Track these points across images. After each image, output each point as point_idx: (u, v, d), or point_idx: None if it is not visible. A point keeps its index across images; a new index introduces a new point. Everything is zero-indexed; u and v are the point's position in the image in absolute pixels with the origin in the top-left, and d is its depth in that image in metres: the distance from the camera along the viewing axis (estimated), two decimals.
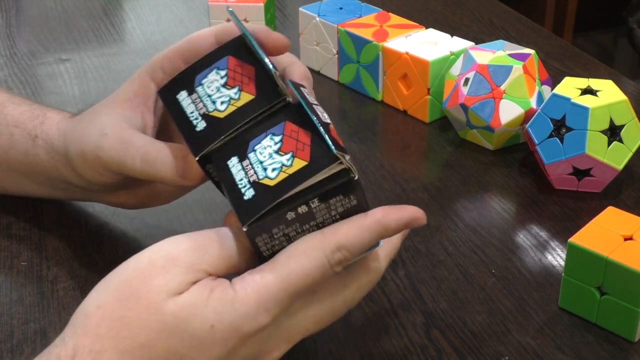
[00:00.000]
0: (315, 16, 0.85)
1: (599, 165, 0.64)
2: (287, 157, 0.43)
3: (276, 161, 0.43)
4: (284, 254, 0.42)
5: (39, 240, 0.61)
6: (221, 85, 0.47)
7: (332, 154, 0.42)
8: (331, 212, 0.43)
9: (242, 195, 0.43)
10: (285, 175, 0.42)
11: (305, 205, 0.42)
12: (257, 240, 0.42)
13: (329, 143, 0.42)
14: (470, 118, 0.71)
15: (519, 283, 0.57)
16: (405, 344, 0.52)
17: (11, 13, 1.04)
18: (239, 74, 0.47)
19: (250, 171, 0.43)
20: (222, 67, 0.48)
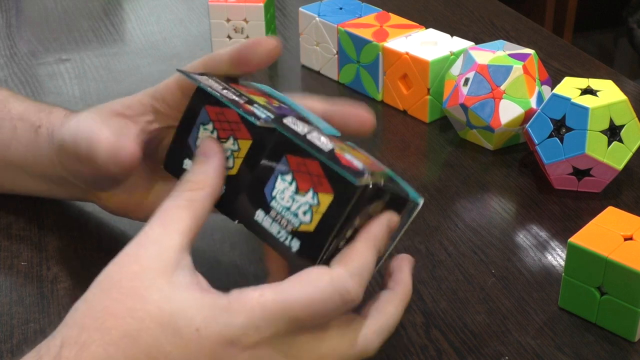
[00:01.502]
0: (315, 16, 0.85)
1: (599, 165, 0.64)
2: (309, 195, 0.43)
3: (302, 203, 0.43)
4: (291, 280, 0.41)
5: (39, 240, 0.61)
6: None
7: (352, 185, 0.41)
8: (375, 211, 0.45)
9: (289, 248, 0.43)
10: (320, 216, 0.43)
11: (351, 229, 0.43)
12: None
13: (345, 174, 0.41)
14: (470, 118, 0.71)
15: (519, 283, 0.57)
16: (405, 344, 0.52)
17: (11, 13, 1.04)
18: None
19: (282, 221, 0.44)
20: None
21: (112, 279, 0.41)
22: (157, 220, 0.43)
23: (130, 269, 0.41)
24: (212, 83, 0.47)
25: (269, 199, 0.44)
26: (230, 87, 0.48)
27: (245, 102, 0.46)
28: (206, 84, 0.46)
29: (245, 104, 0.46)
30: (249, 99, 0.47)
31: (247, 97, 0.47)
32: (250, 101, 0.47)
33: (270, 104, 0.48)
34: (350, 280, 0.41)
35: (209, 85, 0.47)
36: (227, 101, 0.45)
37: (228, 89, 0.47)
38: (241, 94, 0.47)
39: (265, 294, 0.40)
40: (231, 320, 0.40)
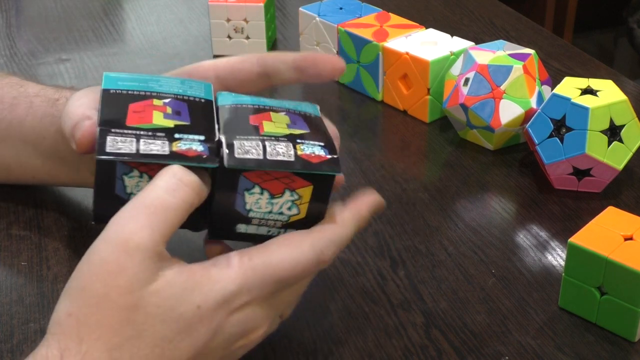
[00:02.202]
0: (315, 16, 0.85)
1: (599, 165, 0.64)
2: (287, 194, 0.44)
3: (282, 203, 0.44)
4: (275, 243, 0.43)
5: (39, 240, 0.61)
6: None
7: (331, 176, 0.44)
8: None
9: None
10: (307, 205, 0.45)
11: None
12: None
13: (321, 172, 0.43)
14: (470, 118, 0.71)
15: (519, 283, 0.57)
16: (405, 344, 0.52)
17: (11, 13, 1.04)
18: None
19: (269, 222, 0.45)
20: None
21: (97, 293, 0.39)
22: (144, 217, 0.40)
23: (117, 282, 0.39)
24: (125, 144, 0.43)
25: (245, 212, 0.44)
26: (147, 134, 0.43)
27: (170, 141, 0.43)
28: (116, 150, 0.42)
29: (171, 143, 0.43)
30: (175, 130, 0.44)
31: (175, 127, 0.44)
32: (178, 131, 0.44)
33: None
34: (328, 246, 0.44)
35: (119, 149, 0.42)
36: (146, 160, 0.42)
37: (146, 137, 0.43)
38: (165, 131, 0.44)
39: (253, 257, 0.42)
40: (226, 286, 0.41)
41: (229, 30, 0.90)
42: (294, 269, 0.43)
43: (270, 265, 0.42)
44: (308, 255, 0.43)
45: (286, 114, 0.47)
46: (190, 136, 0.44)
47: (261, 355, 0.51)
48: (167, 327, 0.40)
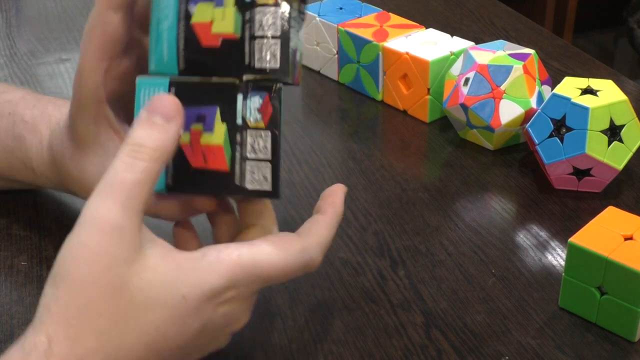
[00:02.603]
0: (315, 16, 0.85)
1: (599, 165, 0.64)
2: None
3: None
4: (266, 242, 0.44)
5: (39, 240, 0.61)
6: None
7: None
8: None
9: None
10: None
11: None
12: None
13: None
14: (470, 118, 0.71)
15: (519, 283, 0.57)
16: (405, 344, 0.52)
17: (11, 13, 1.04)
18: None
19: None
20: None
21: (81, 275, 0.39)
22: (113, 198, 0.40)
23: (99, 262, 0.39)
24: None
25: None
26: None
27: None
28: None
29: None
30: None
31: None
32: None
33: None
34: (318, 251, 0.45)
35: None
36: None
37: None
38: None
39: (242, 254, 0.42)
40: (214, 282, 0.42)
41: None
42: (282, 271, 0.44)
43: (258, 266, 0.43)
44: (297, 259, 0.44)
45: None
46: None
47: (262, 355, 0.51)
48: (152, 314, 0.40)
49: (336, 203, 0.48)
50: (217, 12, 0.44)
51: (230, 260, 0.42)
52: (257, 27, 0.43)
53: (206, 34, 0.44)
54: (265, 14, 0.43)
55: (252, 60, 0.43)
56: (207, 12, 0.44)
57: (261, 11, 0.43)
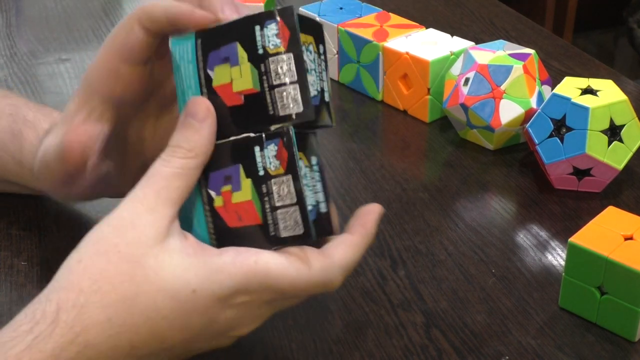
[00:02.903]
0: (315, 16, 0.85)
1: (599, 165, 0.64)
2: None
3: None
4: (286, 253, 0.43)
5: (39, 240, 0.61)
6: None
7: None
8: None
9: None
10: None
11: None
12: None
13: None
14: (471, 118, 0.71)
15: (519, 283, 0.57)
16: (405, 344, 0.52)
17: (11, 13, 1.04)
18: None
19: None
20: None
21: (108, 241, 0.41)
22: (150, 186, 0.43)
23: (127, 234, 0.41)
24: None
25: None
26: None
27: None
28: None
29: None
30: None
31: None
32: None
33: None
34: (340, 274, 0.44)
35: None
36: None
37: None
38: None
39: (259, 262, 0.42)
40: (225, 282, 0.41)
41: None
42: (297, 286, 0.43)
43: (272, 276, 0.42)
44: (315, 277, 0.43)
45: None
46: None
47: (262, 355, 0.51)
48: (161, 300, 0.41)
49: (367, 225, 0.47)
50: (235, 71, 0.45)
51: (246, 264, 0.42)
52: (274, 77, 0.44)
53: (229, 94, 0.45)
54: (279, 63, 0.44)
55: (276, 109, 0.44)
56: (225, 73, 0.45)
57: (274, 60, 0.44)
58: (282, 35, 0.44)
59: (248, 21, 0.45)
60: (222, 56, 0.45)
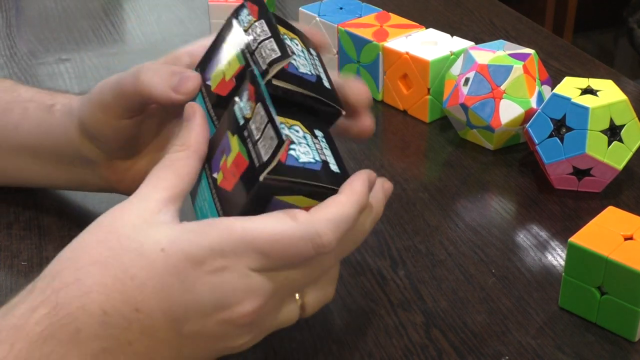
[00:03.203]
0: (315, 16, 0.85)
1: (599, 165, 0.64)
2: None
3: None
4: (263, 215, 0.41)
5: (39, 240, 0.61)
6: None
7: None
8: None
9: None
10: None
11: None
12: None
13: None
14: (471, 118, 0.71)
15: (519, 283, 0.57)
16: (405, 344, 0.52)
17: (11, 13, 1.04)
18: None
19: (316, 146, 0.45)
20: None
21: (99, 225, 0.42)
22: (144, 182, 0.44)
23: (112, 212, 0.42)
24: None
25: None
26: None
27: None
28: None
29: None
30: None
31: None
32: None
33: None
34: (324, 224, 0.41)
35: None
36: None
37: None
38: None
39: (234, 222, 0.41)
40: (197, 240, 0.40)
41: None
42: (279, 243, 0.40)
43: (250, 233, 0.40)
44: (299, 230, 0.40)
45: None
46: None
47: (262, 355, 0.51)
48: (130, 260, 0.40)
49: (354, 183, 0.44)
50: (225, 65, 0.48)
51: (221, 224, 0.41)
52: (252, 44, 0.47)
53: (224, 85, 0.48)
54: (254, 29, 0.48)
55: (259, 66, 0.46)
56: (218, 74, 0.49)
57: (250, 31, 0.48)
58: (252, 12, 0.48)
59: (228, 22, 0.50)
60: (215, 63, 0.49)
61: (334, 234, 0.41)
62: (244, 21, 0.49)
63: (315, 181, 0.42)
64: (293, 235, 0.40)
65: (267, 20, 0.47)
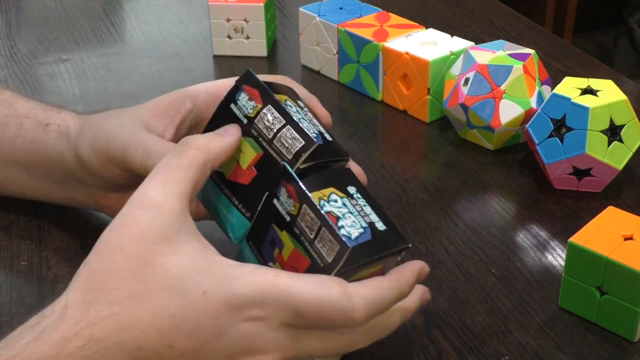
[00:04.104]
0: (315, 16, 0.85)
1: (599, 165, 0.64)
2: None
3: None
4: (308, 276, 0.42)
5: (39, 240, 0.61)
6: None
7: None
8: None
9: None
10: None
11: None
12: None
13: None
14: (470, 118, 0.71)
15: (519, 283, 0.57)
16: (405, 344, 0.52)
17: (11, 13, 1.04)
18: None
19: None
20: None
21: (112, 242, 0.41)
22: (156, 178, 0.43)
23: (130, 232, 0.41)
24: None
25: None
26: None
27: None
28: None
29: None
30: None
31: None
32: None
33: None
34: (361, 303, 0.42)
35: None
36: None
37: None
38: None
39: (280, 276, 0.41)
40: (240, 289, 0.40)
41: (229, 30, 0.90)
42: (316, 307, 0.41)
43: (292, 291, 0.40)
44: (336, 299, 0.41)
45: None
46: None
47: None
48: (169, 297, 0.40)
49: (404, 271, 0.45)
50: (236, 154, 0.48)
51: (265, 276, 0.41)
52: (267, 132, 0.47)
53: (242, 174, 0.48)
54: (263, 117, 0.47)
55: (284, 157, 0.46)
56: (230, 161, 0.49)
57: (259, 119, 0.47)
58: (253, 97, 0.48)
59: (224, 107, 0.49)
60: None
61: (367, 313, 0.42)
62: (246, 107, 0.48)
63: (372, 255, 0.44)
64: (330, 303, 0.41)
65: (273, 104, 0.47)
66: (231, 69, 0.89)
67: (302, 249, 0.44)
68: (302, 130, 0.46)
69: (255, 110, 0.47)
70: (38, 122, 0.58)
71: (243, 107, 0.48)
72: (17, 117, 0.59)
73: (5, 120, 0.59)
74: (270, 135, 0.47)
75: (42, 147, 0.57)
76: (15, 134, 0.58)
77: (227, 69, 0.89)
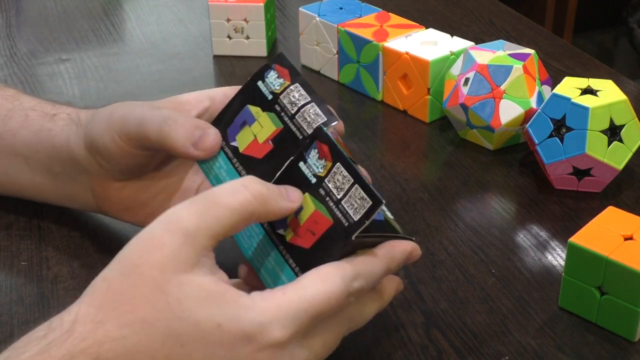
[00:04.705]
0: (315, 16, 0.85)
1: (599, 165, 0.64)
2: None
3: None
4: (307, 278, 0.42)
5: (39, 240, 0.61)
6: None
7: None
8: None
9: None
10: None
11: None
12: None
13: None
14: (470, 118, 0.71)
15: (519, 283, 0.57)
16: (405, 344, 0.52)
17: (11, 13, 1.04)
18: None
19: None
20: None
21: (132, 262, 0.40)
22: (197, 205, 0.42)
23: (152, 257, 0.40)
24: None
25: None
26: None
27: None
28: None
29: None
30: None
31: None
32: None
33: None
34: (357, 278, 0.43)
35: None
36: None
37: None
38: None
39: (287, 291, 0.41)
40: (256, 318, 0.40)
41: (229, 30, 0.90)
42: (329, 302, 0.41)
43: (305, 299, 0.41)
44: (340, 286, 0.42)
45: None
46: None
47: None
48: (181, 327, 0.39)
49: (393, 248, 0.46)
50: (255, 127, 0.50)
51: (274, 297, 0.41)
52: (290, 108, 0.49)
53: (257, 148, 0.49)
54: (289, 94, 0.49)
55: (304, 132, 0.48)
56: (247, 135, 0.50)
57: (285, 95, 0.49)
58: (282, 75, 0.49)
59: (251, 84, 0.50)
60: (239, 123, 0.50)
61: (361, 287, 0.43)
62: (273, 84, 0.49)
63: (387, 232, 0.46)
64: (338, 292, 0.42)
65: (301, 83, 0.49)
66: (231, 69, 0.89)
67: (325, 209, 0.44)
68: (327, 108, 0.48)
69: (282, 87, 0.49)
70: (45, 114, 0.58)
71: (270, 84, 0.49)
72: (23, 109, 0.59)
73: (9, 113, 0.59)
74: (294, 110, 0.48)
75: (47, 135, 0.57)
76: (19, 125, 0.58)
77: (227, 69, 0.89)
